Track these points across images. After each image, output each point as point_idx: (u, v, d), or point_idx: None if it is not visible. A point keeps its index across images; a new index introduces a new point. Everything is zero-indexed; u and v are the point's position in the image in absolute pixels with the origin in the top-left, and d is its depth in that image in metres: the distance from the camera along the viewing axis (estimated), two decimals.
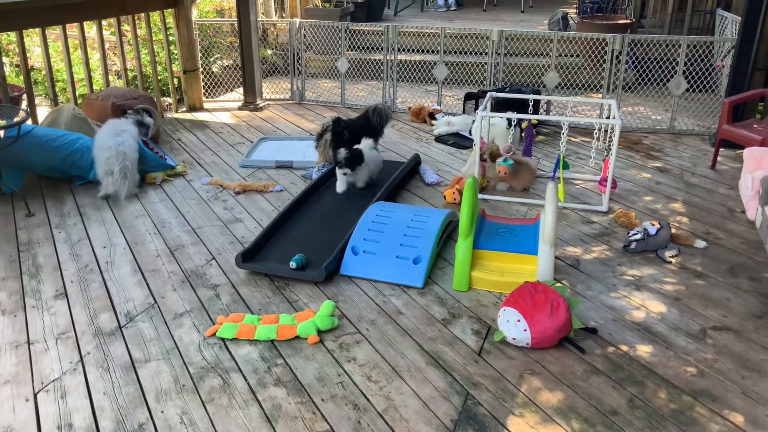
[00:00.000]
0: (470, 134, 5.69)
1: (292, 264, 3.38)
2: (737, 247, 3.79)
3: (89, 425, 2.38)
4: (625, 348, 2.87)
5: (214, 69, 7.28)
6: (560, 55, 6.57)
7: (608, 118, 4.56)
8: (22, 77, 6.72)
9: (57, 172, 4.63)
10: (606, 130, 4.95)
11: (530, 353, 2.81)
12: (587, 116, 6.41)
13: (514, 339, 2.81)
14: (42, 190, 4.55)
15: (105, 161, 4.41)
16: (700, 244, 3.79)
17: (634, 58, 6.64)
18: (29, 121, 4.80)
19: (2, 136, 4.38)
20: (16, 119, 4.11)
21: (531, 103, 4.73)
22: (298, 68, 7.08)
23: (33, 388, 2.58)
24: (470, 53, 7.08)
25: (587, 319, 3.05)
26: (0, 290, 3.28)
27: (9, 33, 6.46)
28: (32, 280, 3.37)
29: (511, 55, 7.31)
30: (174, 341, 2.88)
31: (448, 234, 3.83)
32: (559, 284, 3.05)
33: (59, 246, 3.75)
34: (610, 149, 4.21)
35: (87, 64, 5.80)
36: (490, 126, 4.90)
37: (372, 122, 5.07)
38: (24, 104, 5.44)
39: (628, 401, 2.54)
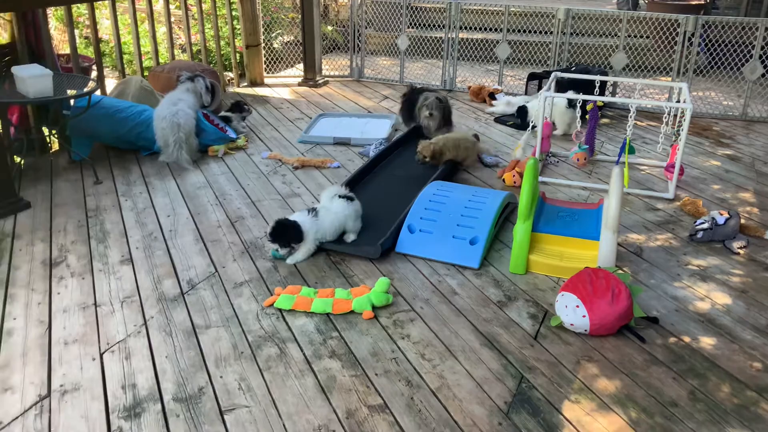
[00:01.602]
0: (516, 114, 5.58)
1: (271, 254, 3.38)
2: None
3: (152, 386, 2.47)
4: (687, 339, 2.78)
5: (275, 45, 7.34)
6: (629, 36, 6.35)
7: (678, 101, 4.39)
8: (90, 49, 6.94)
9: (124, 142, 4.77)
10: (675, 115, 4.78)
11: (588, 340, 2.76)
12: (655, 100, 6.19)
13: (571, 325, 2.76)
14: (110, 159, 4.71)
15: (161, 132, 4.52)
16: None
17: (707, 40, 6.35)
18: (98, 92, 4.96)
19: (73, 105, 4.54)
20: (86, 89, 4.24)
21: (597, 85, 4.59)
22: (358, 45, 7.06)
23: (99, 348, 2.69)
24: (534, 32, 6.92)
25: (649, 308, 2.97)
26: (69, 253, 3.42)
27: (80, 5, 6.67)
28: (100, 245, 3.50)
29: (577, 34, 7.11)
30: (233, 309, 2.95)
31: (506, 216, 3.78)
32: (620, 271, 2.97)
33: (125, 213, 3.87)
34: (679, 134, 4.06)
35: (154, 37, 5.93)
36: (553, 106, 4.79)
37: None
38: (93, 75, 5.60)
39: (688, 393, 2.47)
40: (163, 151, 4.59)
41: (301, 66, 7.10)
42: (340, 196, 3.51)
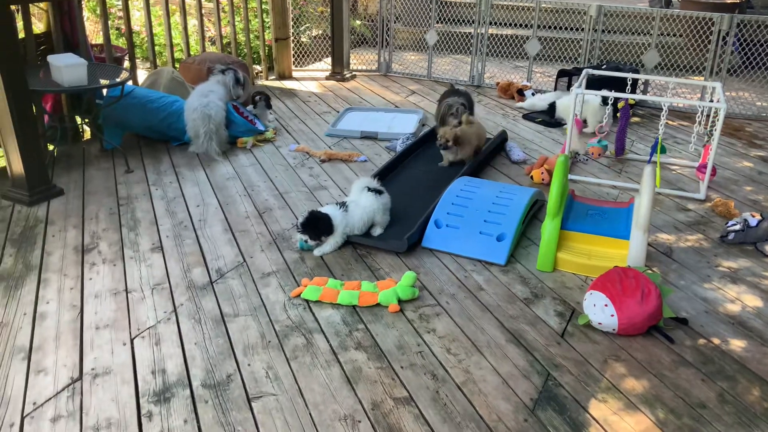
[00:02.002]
0: (547, 111, 5.54)
1: (298, 246, 3.41)
2: None
3: (181, 372, 2.50)
4: (716, 341, 2.75)
5: (303, 39, 7.36)
6: (661, 34, 6.25)
7: (712, 101, 4.33)
8: (122, 39, 7.03)
9: (154, 132, 4.83)
10: (708, 115, 4.70)
11: (616, 339, 2.74)
12: (687, 99, 6.10)
13: (599, 324, 2.74)
14: (140, 149, 4.77)
15: (192, 123, 4.58)
16: None
17: (741, 39, 6.24)
18: (130, 82, 5.02)
19: (106, 94, 4.61)
20: (119, 79, 4.30)
21: (629, 82, 4.53)
22: (386, 39, 7.06)
23: (130, 333, 2.73)
24: (565, 29, 6.85)
25: (678, 309, 2.94)
26: (101, 240, 3.48)
27: None
28: (131, 233, 3.55)
29: (608, 32, 7.02)
30: (261, 299, 2.98)
31: (533, 213, 3.76)
32: (650, 271, 2.94)
33: (156, 202, 3.93)
34: (712, 134, 4.00)
35: (185, 29, 5.99)
36: (584, 104, 4.75)
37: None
38: (126, 65, 5.68)
39: (717, 395, 2.44)
40: (193, 142, 4.64)
41: (329, 60, 7.12)
42: (369, 189, 3.51)
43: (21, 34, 4.29)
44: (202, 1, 6.22)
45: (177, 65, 5.92)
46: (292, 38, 7.00)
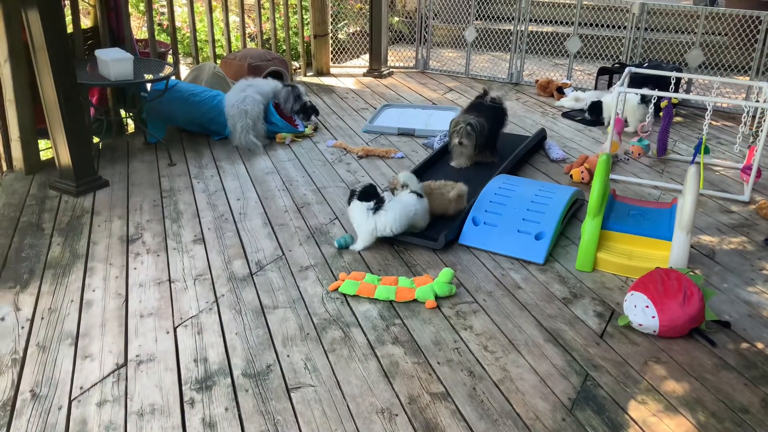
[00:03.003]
0: (587, 110, 5.45)
1: (336, 244, 3.39)
2: None
3: (222, 361, 2.55)
4: (760, 345, 2.69)
5: (341, 36, 7.40)
6: (706, 33, 6.12)
7: (757, 102, 4.23)
8: (164, 35, 7.16)
9: (196, 126, 4.92)
10: (754, 115, 4.59)
11: (656, 341, 2.71)
12: (732, 99, 5.96)
13: (640, 325, 2.71)
14: (182, 143, 4.86)
15: (231, 119, 4.65)
16: None
17: None
18: (174, 77, 5.11)
19: (150, 88, 4.71)
20: (163, 73, 4.39)
21: (673, 81, 4.46)
22: (424, 36, 7.05)
23: (173, 322, 2.80)
24: (606, 26, 6.76)
25: (720, 312, 2.88)
26: (145, 231, 3.56)
27: None
28: (173, 225, 3.63)
29: (651, 30, 6.91)
30: (300, 292, 3.02)
31: (573, 212, 3.73)
32: (692, 273, 2.89)
33: (198, 195, 4.00)
34: (758, 135, 3.91)
35: (227, 24, 6.08)
36: (624, 102, 4.68)
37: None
38: (169, 59, 5.79)
39: (760, 400, 2.39)
40: (232, 136, 4.72)
41: (366, 56, 7.14)
42: (411, 191, 3.45)
43: (69, 29, 4.41)
44: None
45: (218, 61, 6.01)
46: (330, 35, 7.05)
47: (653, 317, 2.65)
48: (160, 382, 2.44)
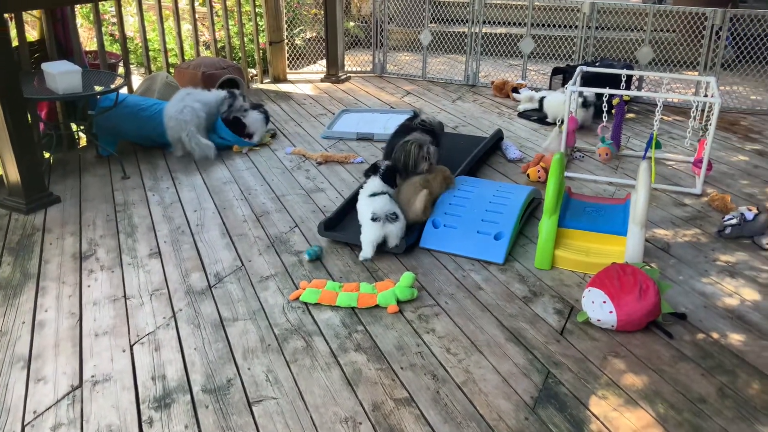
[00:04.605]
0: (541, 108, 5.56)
1: (306, 255, 3.32)
2: None
3: (181, 377, 2.50)
4: (715, 335, 2.75)
5: (298, 41, 7.37)
6: (655, 30, 6.26)
7: (706, 96, 4.33)
8: (116, 46, 7.03)
9: (147, 140, 4.80)
10: (703, 110, 4.71)
11: (615, 336, 2.74)
12: (682, 94, 6.11)
13: (598, 320, 2.74)
14: (136, 155, 4.76)
15: (170, 130, 4.55)
16: None
17: (734, 34, 6.25)
18: (124, 89, 5.01)
19: (98, 103, 4.58)
20: (113, 85, 4.29)
21: (624, 79, 4.54)
22: (381, 41, 7.06)
23: (129, 340, 2.73)
24: (558, 26, 6.86)
25: (677, 305, 2.94)
26: (99, 247, 3.47)
27: (105, 2, 6.75)
28: (128, 239, 3.55)
29: (601, 28, 7.04)
30: (260, 303, 2.98)
31: (530, 211, 3.76)
32: (648, 267, 2.94)
33: (153, 208, 3.92)
34: (707, 129, 4.00)
35: (179, 33, 5.99)
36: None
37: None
38: (120, 71, 5.68)
39: (717, 390, 2.44)
40: (174, 148, 4.61)
41: (323, 62, 7.11)
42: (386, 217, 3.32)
43: (14, 42, 4.29)
44: (196, 5, 6.22)
45: (172, 70, 5.92)
46: (286, 41, 7.00)
47: (611, 312, 2.69)
48: (116, 402, 2.38)
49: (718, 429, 2.26)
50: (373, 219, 3.30)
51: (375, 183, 3.47)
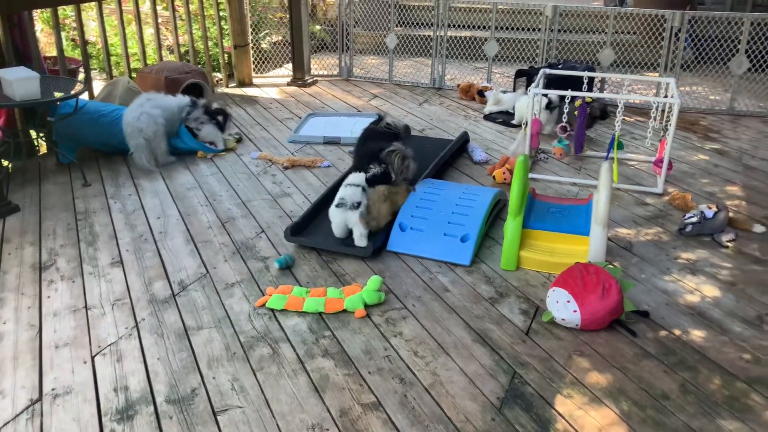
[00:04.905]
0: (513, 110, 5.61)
1: (276, 264, 3.28)
2: None
3: (144, 388, 2.46)
4: (677, 332, 2.80)
5: (264, 45, 7.32)
6: (616, 32, 6.37)
7: (666, 97, 4.42)
8: (77, 51, 6.89)
9: (109, 146, 4.71)
10: (663, 110, 4.80)
11: (579, 335, 2.78)
12: (643, 95, 6.22)
13: (563, 320, 2.77)
14: (98, 161, 4.68)
15: (127, 137, 4.47)
16: (759, 229, 3.66)
17: (693, 35, 6.39)
18: (85, 95, 4.92)
19: (57, 110, 4.48)
20: (73, 91, 4.21)
21: (586, 81, 4.61)
22: (347, 44, 7.05)
23: (91, 351, 2.67)
24: (522, 29, 6.94)
25: (639, 302, 2.99)
26: (59, 257, 3.40)
27: (65, 7, 6.64)
28: (89, 248, 3.48)
29: (564, 31, 7.14)
30: (225, 310, 2.94)
31: (496, 213, 3.79)
32: (611, 266, 2.99)
33: (115, 215, 3.85)
34: (667, 129, 4.08)
35: (141, 38, 5.90)
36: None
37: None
38: (81, 77, 5.57)
39: (679, 386, 2.48)
40: (135, 154, 4.52)
41: (289, 66, 7.08)
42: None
43: None
44: (158, 9, 6.14)
45: (134, 75, 5.83)
46: (251, 45, 6.95)
47: (575, 311, 2.72)
48: (78, 415, 2.33)
49: (681, 425, 2.30)
50: (337, 205, 3.39)
51: (358, 177, 3.52)
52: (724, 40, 5.85)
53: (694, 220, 3.58)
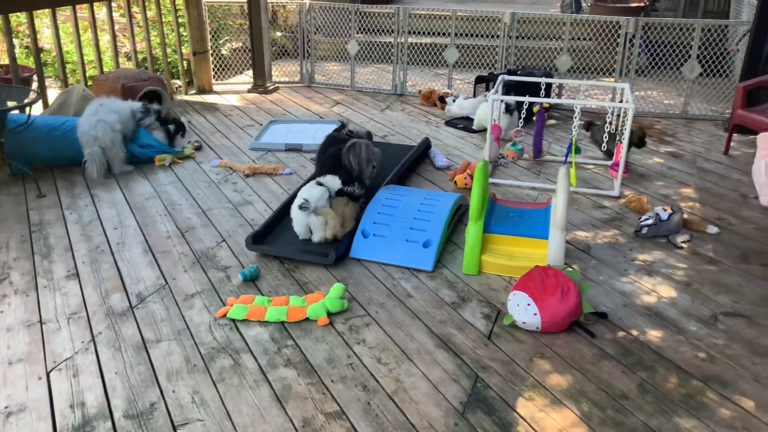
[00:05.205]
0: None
1: (240, 277, 3.23)
2: (750, 233, 3.76)
3: (101, 404, 2.40)
4: (635, 333, 2.86)
5: (224, 51, 7.25)
6: (573, 39, 6.50)
7: (621, 102, 4.52)
8: (31, 59, 6.73)
9: (64, 159, 4.54)
10: (618, 115, 4.90)
11: (540, 337, 2.81)
12: (599, 100, 6.35)
13: (524, 323, 2.80)
14: (53, 172, 4.56)
15: (83, 145, 4.37)
16: (712, 229, 3.76)
17: (647, 41, 6.56)
18: (40, 105, 4.79)
19: (7, 124, 4.34)
20: (27, 100, 4.11)
21: (543, 87, 4.68)
22: (308, 51, 7.04)
23: (45, 366, 2.60)
24: (481, 36, 7.02)
25: (598, 304, 3.04)
26: (12, 270, 3.30)
27: (19, 14, 6.47)
28: (44, 261, 3.39)
29: (522, 38, 7.24)
30: (185, 322, 2.90)
31: (458, 218, 3.82)
32: (569, 269, 3.03)
33: (70, 227, 3.76)
34: (623, 134, 4.17)
35: (97, 45, 5.80)
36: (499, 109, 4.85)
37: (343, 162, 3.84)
38: (35, 85, 5.44)
39: (638, 386, 2.53)
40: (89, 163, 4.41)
41: (250, 72, 7.03)
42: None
43: None
44: (115, 15, 6.04)
45: (90, 83, 5.71)
46: (211, 51, 6.88)
47: (535, 314, 2.75)
48: None
49: (640, 424, 2.34)
50: (300, 207, 3.41)
51: (333, 181, 3.58)
52: (676, 46, 6.01)
53: (649, 222, 3.66)
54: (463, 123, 5.71)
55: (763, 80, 5.02)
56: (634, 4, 7.79)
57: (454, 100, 5.98)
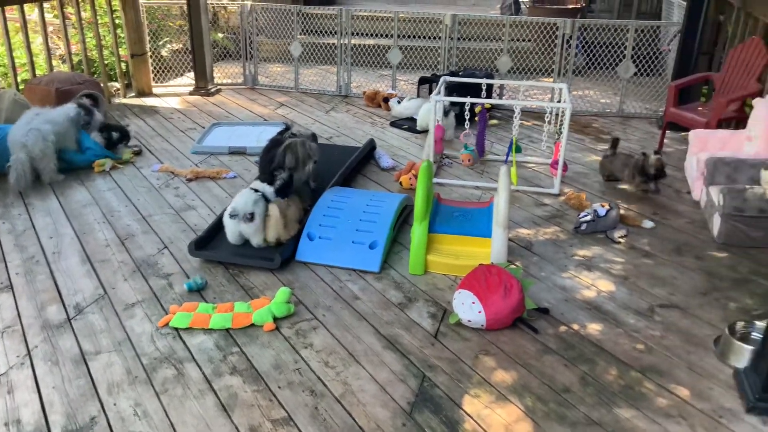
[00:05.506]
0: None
1: (185, 287, 3.15)
2: (683, 227, 3.90)
3: (38, 420, 2.32)
4: (576, 327, 2.93)
5: (164, 53, 7.10)
6: (512, 40, 6.62)
7: (559, 101, 4.63)
8: None
9: None
10: (557, 114, 5.02)
11: (485, 334, 2.85)
12: (539, 100, 6.49)
13: (469, 321, 2.84)
14: None
15: (11, 151, 4.20)
16: (648, 224, 3.89)
17: (584, 42, 6.74)
18: None
19: None
20: None
21: (484, 88, 4.75)
22: (250, 52, 6.96)
23: None
24: (424, 38, 7.08)
25: (540, 300, 3.11)
26: None
27: None
28: None
29: (464, 39, 7.34)
30: (125, 332, 2.82)
31: (403, 218, 3.84)
32: (512, 266, 3.09)
33: (2, 237, 3.62)
34: (561, 133, 4.27)
35: (29, 48, 5.58)
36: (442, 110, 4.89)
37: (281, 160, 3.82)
38: None
39: (579, 379, 2.60)
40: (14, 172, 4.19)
41: (191, 74, 6.90)
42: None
43: None
44: (48, 17, 5.82)
45: (22, 87, 5.50)
46: (150, 53, 6.72)
47: (480, 312, 2.80)
48: None
49: (582, 416, 2.40)
50: (231, 216, 3.39)
51: (261, 185, 3.55)
52: (612, 47, 6.20)
53: (588, 218, 3.76)
54: (408, 124, 5.75)
55: (693, 79, 5.23)
56: (570, 6, 8.01)
57: (398, 101, 6.02)
